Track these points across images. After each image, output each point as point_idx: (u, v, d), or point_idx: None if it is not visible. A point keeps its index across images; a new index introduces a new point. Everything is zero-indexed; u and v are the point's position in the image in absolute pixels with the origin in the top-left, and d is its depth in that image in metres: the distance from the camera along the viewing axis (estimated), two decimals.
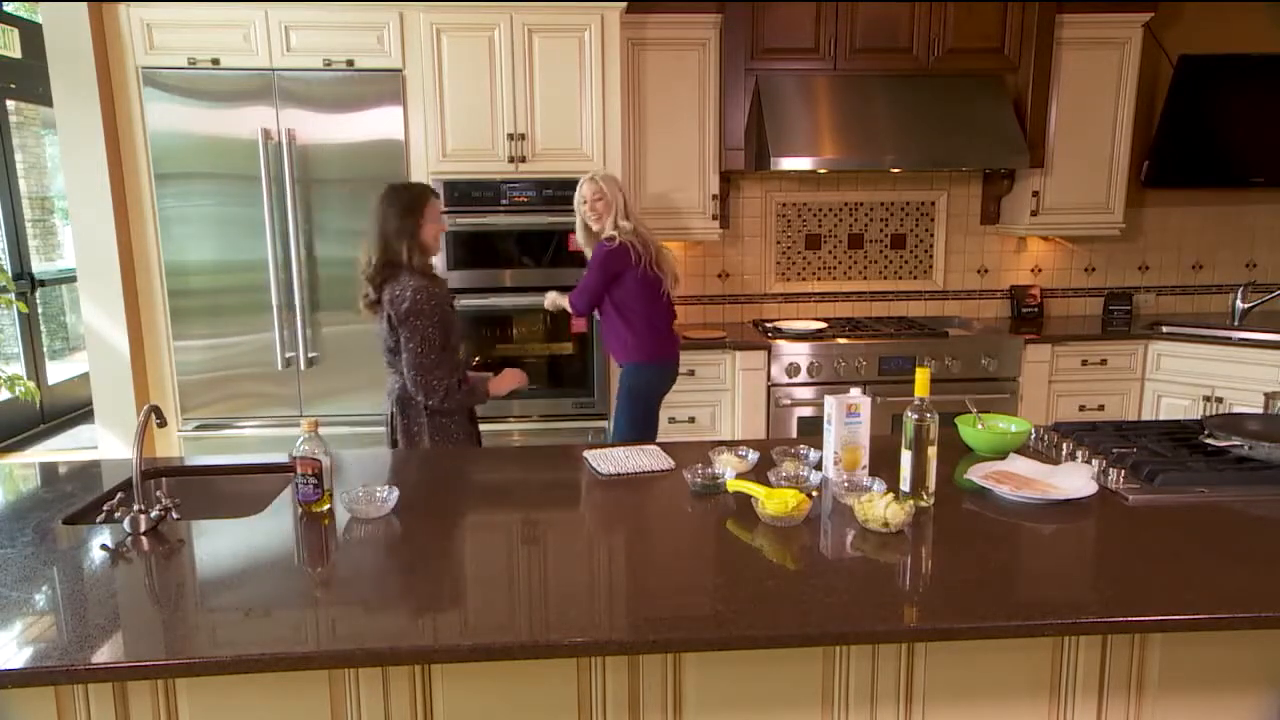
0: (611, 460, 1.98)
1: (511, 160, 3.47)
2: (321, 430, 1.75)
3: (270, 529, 1.70)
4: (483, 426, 3.58)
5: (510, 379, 2.69)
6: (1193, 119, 4.10)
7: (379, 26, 3.33)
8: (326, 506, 1.75)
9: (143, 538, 1.64)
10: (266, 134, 3.31)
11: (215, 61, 3.27)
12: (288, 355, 3.47)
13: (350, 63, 3.32)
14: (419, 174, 3.44)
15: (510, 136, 3.45)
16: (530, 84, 3.43)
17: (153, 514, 1.67)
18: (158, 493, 1.79)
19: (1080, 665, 1.52)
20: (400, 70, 3.37)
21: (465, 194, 3.48)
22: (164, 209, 3.35)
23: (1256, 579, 1.46)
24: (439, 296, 2.44)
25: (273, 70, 3.30)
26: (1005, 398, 3.78)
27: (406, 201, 2.46)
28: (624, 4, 3.43)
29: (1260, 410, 2.22)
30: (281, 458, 2.02)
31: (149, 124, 3.31)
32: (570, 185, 3.51)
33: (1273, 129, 4.10)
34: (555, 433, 3.65)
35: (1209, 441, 1.98)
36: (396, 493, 1.74)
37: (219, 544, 1.65)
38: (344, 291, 3.48)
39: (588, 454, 2.03)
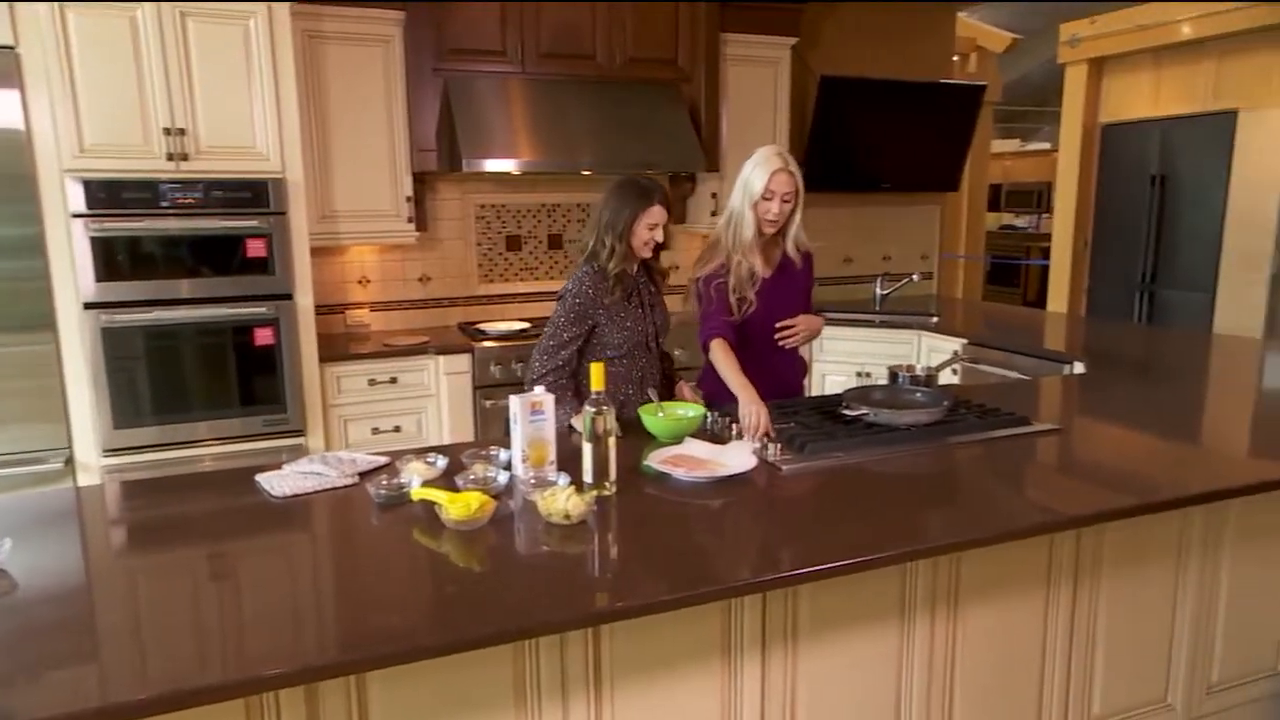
0: (287, 481, 1.85)
1: (171, 158, 3.10)
2: None
3: None
4: (165, 454, 3.19)
5: None
6: (836, 131, 4.72)
7: None
8: None
9: None
10: None
11: None
12: None
13: None
14: (49, 169, 2.96)
15: (167, 131, 3.08)
16: (188, 74, 3.09)
17: None
18: None
19: (745, 624, 1.68)
20: (13, 48, 2.86)
21: (115, 195, 3.05)
22: None
23: (878, 527, 1.71)
24: (589, 297, 2.36)
25: None
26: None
27: (630, 197, 2.36)
28: None
29: (885, 381, 2.60)
30: None
31: None
32: (246, 186, 3.23)
33: (895, 143, 4.86)
34: (248, 454, 3.32)
35: (845, 412, 2.28)
36: (9, 544, 1.48)
37: None
38: None
39: (259, 477, 1.88)
